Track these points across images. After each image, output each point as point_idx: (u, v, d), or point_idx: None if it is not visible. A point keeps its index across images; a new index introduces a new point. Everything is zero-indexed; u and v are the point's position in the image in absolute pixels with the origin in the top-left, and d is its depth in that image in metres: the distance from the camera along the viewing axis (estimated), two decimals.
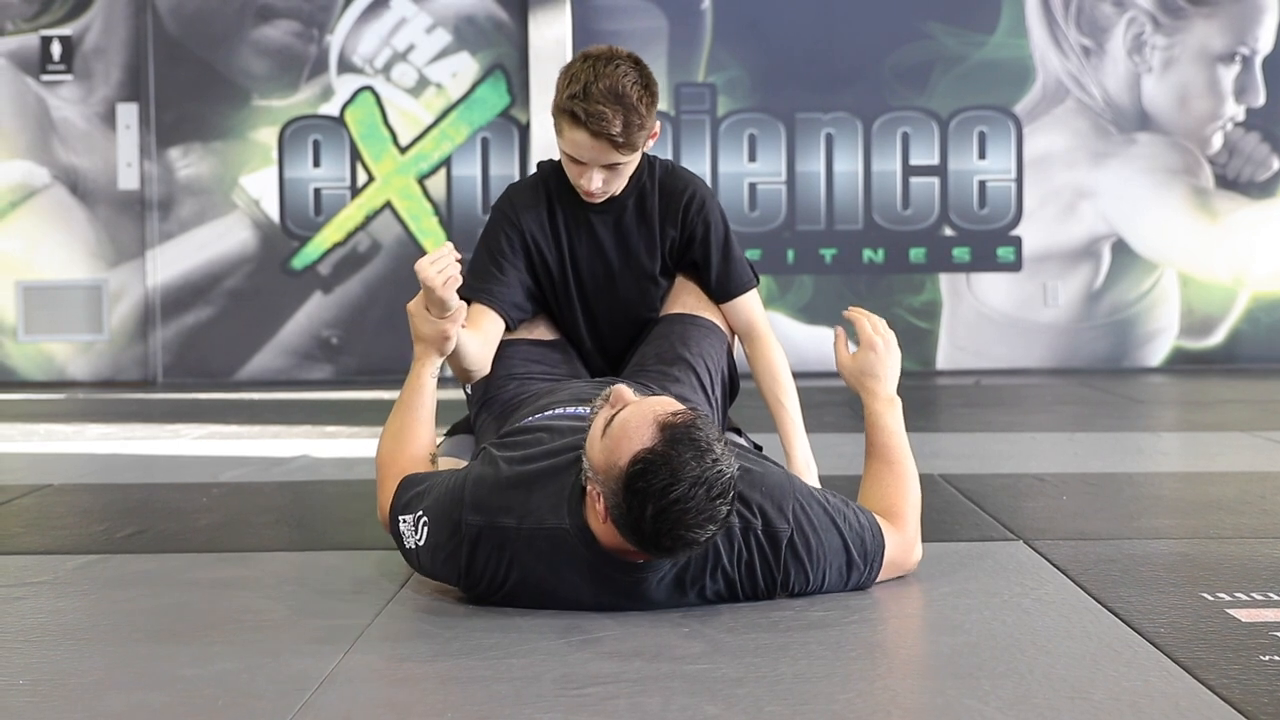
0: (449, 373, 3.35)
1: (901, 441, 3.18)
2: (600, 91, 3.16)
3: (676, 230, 3.49)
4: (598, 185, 3.31)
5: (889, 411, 3.21)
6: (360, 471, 4.95)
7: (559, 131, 3.26)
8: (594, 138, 3.20)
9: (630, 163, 3.31)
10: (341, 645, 2.57)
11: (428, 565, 2.91)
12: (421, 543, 2.88)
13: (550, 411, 3.09)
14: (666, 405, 2.64)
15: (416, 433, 3.20)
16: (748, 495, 2.76)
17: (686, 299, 3.59)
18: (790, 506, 2.80)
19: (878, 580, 2.94)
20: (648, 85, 3.25)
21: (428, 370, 3.24)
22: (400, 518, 2.96)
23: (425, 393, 3.25)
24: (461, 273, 3.12)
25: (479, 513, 2.79)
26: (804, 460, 3.46)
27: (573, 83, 3.20)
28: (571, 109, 3.19)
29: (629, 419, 2.62)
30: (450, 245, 3.14)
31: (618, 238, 3.49)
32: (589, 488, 2.67)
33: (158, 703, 2.26)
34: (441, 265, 3.05)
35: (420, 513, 2.90)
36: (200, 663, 2.47)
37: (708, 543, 2.64)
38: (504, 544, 2.78)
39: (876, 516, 2.97)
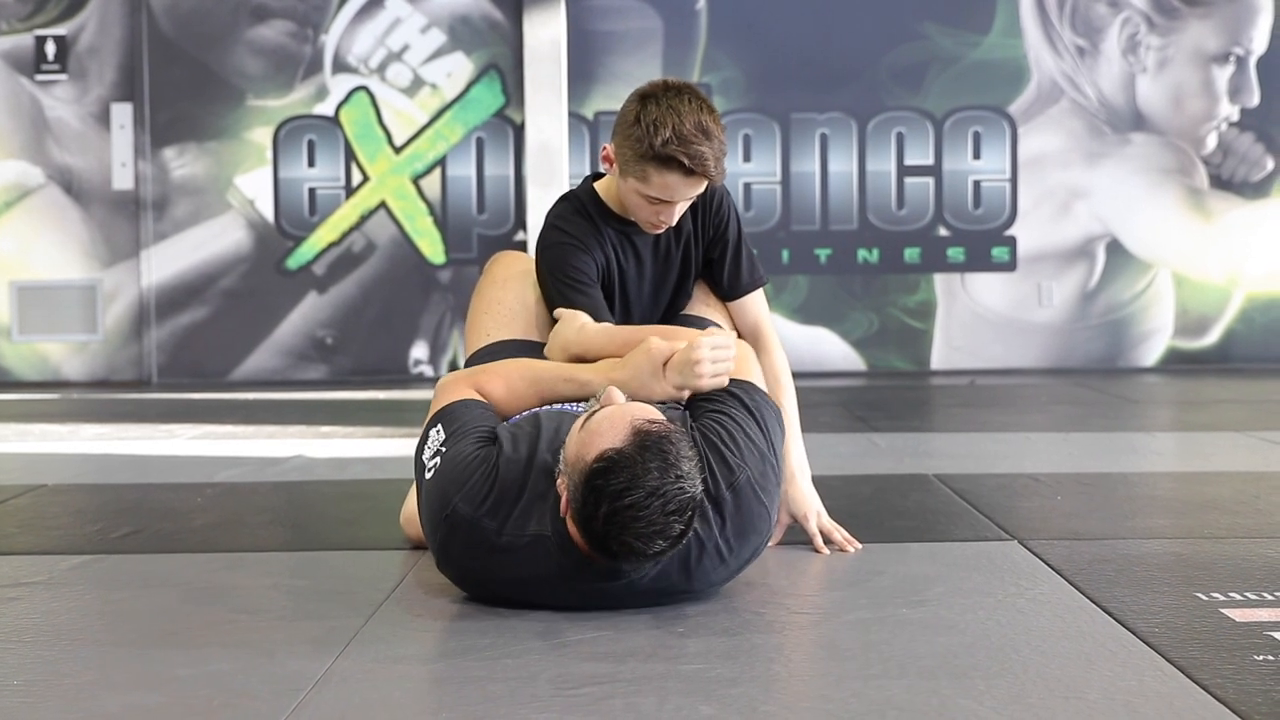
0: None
1: None
2: (691, 132, 3.16)
3: (708, 230, 3.53)
4: (675, 220, 3.37)
5: None
6: (355, 472, 4.95)
7: (642, 178, 3.23)
8: (688, 177, 3.21)
9: None
10: (336, 646, 2.57)
11: (424, 495, 2.94)
12: (427, 476, 2.92)
13: (558, 407, 3.08)
14: (647, 413, 2.65)
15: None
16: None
17: (694, 305, 3.62)
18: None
19: None
20: (714, 109, 3.27)
21: (595, 391, 2.99)
22: (437, 425, 2.99)
23: (561, 396, 3.16)
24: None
25: (468, 504, 2.80)
26: (798, 463, 3.46)
27: (657, 129, 3.17)
28: (669, 154, 3.17)
29: (607, 417, 2.64)
30: (734, 336, 3.15)
31: (656, 252, 3.52)
32: (559, 479, 2.68)
33: (152, 703, 2.26)
34: (721, 356, 3.01)
35: (440, 449, 2.93)
36: (195, 663, 2.47)
37: (657, 557, 2.63)
38: (480, 542, 2.79)
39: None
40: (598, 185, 3.48)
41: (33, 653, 2.57)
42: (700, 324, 3.50)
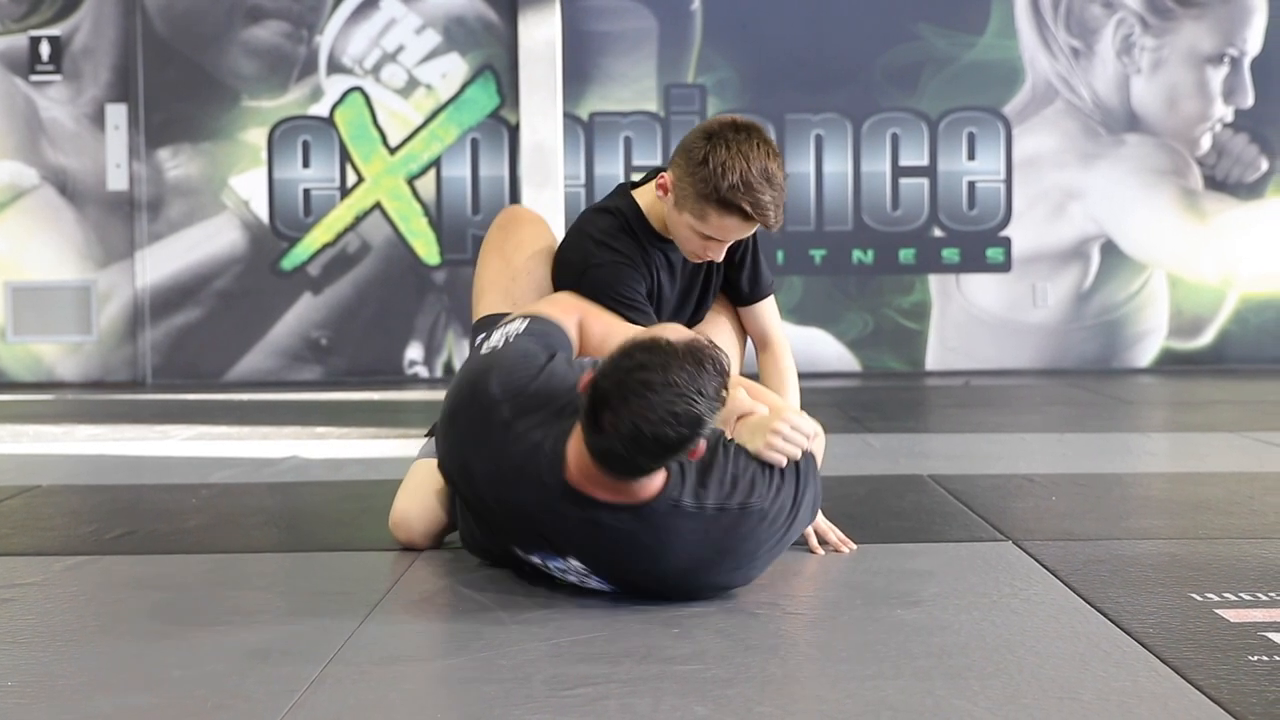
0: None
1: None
2: (757, 179, 3.18)
3: (735, 249, 3.56)
4: (721, 257, 3.40)
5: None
6: (350, 472, 4.95)
7: (700, 216, 3.25)
8: (746, 221, 3.25)
9: None
10: (331, 646, 2.57)
11: (468, 363, 3.06)
12: (483, 350, 3.02)
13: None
14: (706, 339, 2.70)
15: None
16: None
17: (709, 318, 3.66)
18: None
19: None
20: (779, 152, 3.28)
21: None
22: (526, 320, 3.09)
23: None
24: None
25: (500, 387, 2.88)
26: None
27: (724, 173, 3.17)
28: (733, 200, 3.19)
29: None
30: (817, 425, 3.10)
31: (685, 268, 3.55)
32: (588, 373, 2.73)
33: (147, 704, 2.25)
34: (796, 439, 2.95)
35: (512, 337, 3.02)
36: (189, 664, 2.47)
37: (636, 455, 2.61)
38: (487, 427, 2.86)
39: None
40: (640, 201, 3.48)
41: (27, 654, 2.57)
42: None
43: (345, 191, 9.73)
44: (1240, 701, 2.19)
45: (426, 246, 9.71)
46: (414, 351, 9.72)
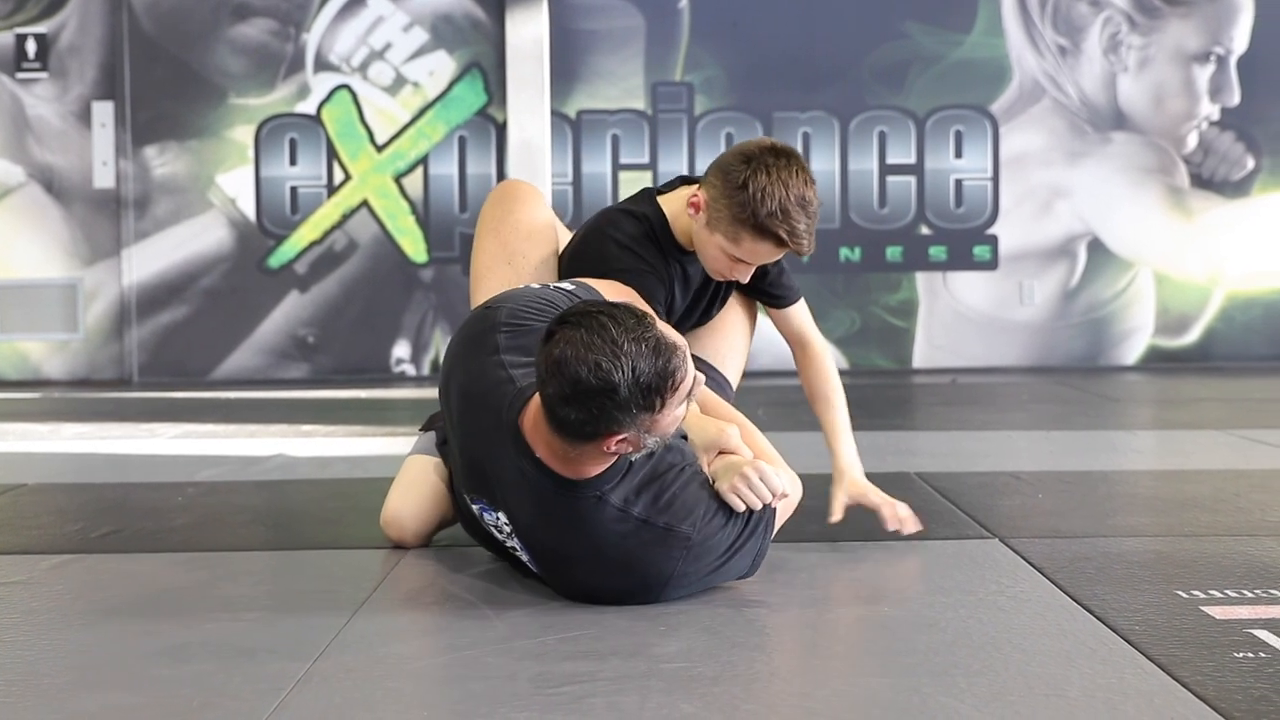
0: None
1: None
2: (794, 207, 3.18)
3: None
4: (747, 279, 3.41)
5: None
6: (336, 470, 4.95)
7: (733, 239, 3.25)
8: (779, 247, 3.26)
9: None
10: (317, 645, 2.56)
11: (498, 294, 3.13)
12: (522, 285, 3.08)
13: None
14: (683, 347, 2.66)
15: None
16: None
17: (707, 341, 3.68)
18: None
19: None
20: (813, 178, 3.28)
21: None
22: (576, 284, 3.14)
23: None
24: None
25: (508, 314, 2.93)
26: (849, 460, 3.53)
27: (763, 200, 3.17)
28: (769, 227, 3.19)
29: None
30: (797, 486, 3.10)
31: (701, 279, 3.55)
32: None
33: (132, 703, 2.25)
34: (761, 492, 2.87)
35: (553, 288, 3.07)
36: (175, 663, 2.47)
37: (552, 388, 2.59)
38: (477, 347, 2.91)
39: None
40: (666, 210, 3.46)
41: (12, 653, 2.56)
42: (709, 371, 3.55)
43: (332, 189, 9.72)
44: (1226, 698, 2.19)
45: (414, 244, 9.71)
46: (401, 349, 9.71)
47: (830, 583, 3.05)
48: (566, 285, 3.09)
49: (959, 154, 9.85)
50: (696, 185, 3.38)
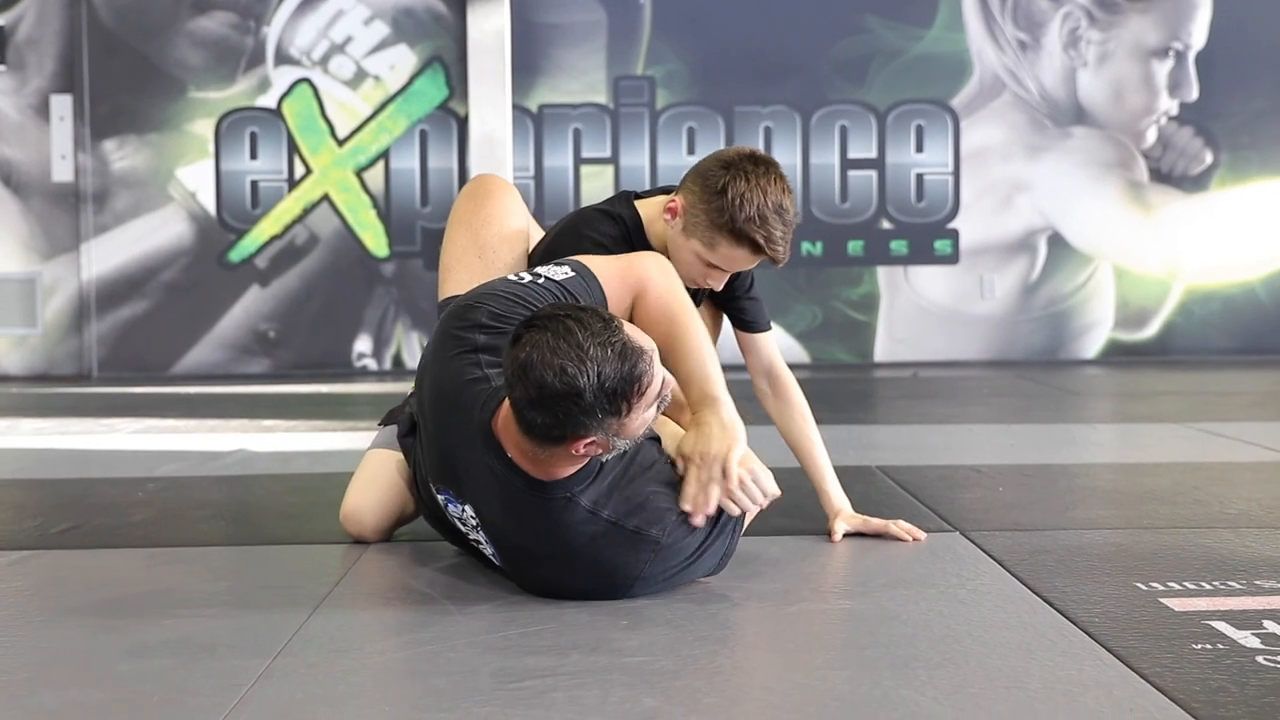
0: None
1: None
2: (772, 213, 3.19)
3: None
4: (720, 287, 3.41)
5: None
6: (297, 465, 4.93)
7: (709, 245, 3.25)
8: (755, 254, 3.26)
9: None
10: (278, 641, 2.55)
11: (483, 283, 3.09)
12: (512, 276, 3.03)
13: None
14: (650, 354, 2.64)
15: None
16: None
17: None
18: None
19: None
20: (791, 188, 3.29)
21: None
22: (574, 268, 3.08)
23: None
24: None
25: (486, 314, 2.90)
26: (840, 497, 3.53)
27: (742, 205, 3.18)
28: (746, 232, 3.20)
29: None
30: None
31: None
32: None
33: (92, 699, 2.24)
34: (760, 496, 2.89)
35: (542, 275, 3.01)
36: (135, 658, 2.46)
37: (518, 391, 2.58)
38: (460, 327, 2.89)
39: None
40: (643, 214, 3.45)
41: None
42: None
43: (293, 183, 9.68)
44: (1184, 689, 2.20)
45: (375, 239, 9.68)
46: (363, 344, 9.69)
47: (792, 576, 3.06)
48: (556, 275, 3.01)
49: (920, 148, 9.88)
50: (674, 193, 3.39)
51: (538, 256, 3.47)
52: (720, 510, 2.87)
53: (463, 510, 2.89)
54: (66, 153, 9.56)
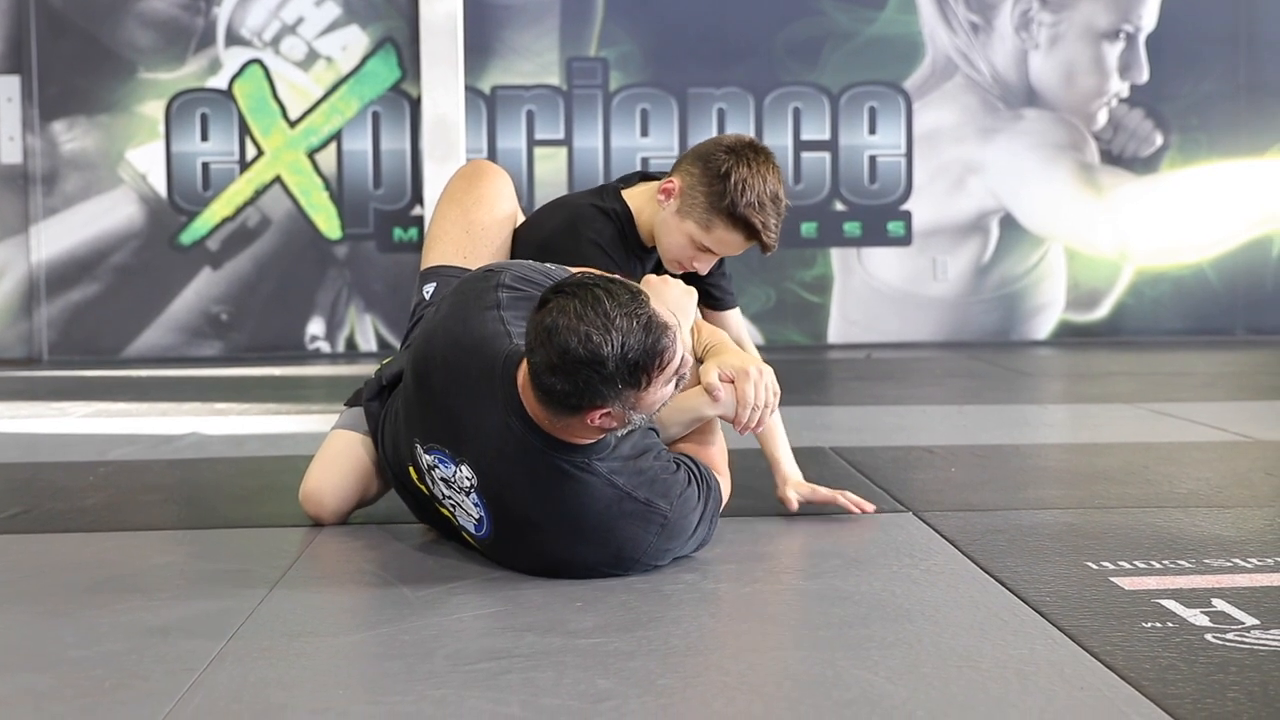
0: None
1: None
2: (770, 201, 3.30)
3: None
4: (705, 272, 3.48)
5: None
6: (251, 449, 4.91)
7: (705, 227, 3.32)
8: (748, 239, 3.34)
9: None
10: (231, 624, 2.55)
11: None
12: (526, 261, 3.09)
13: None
14: (674, 331, 2.66)
15: None
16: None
17: None
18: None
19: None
20: (783, 179, 3.40)
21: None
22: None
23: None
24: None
25: (511, 277, 2.94)
26: (792, 465, 3.54)
27: (743, 189, 3.27)
28: (744, 216, 3.28)
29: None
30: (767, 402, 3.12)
31: (659, 270, 3.56)
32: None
33: (43, 685, 2.23)
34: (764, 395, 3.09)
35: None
36: (87, 644, 2.44)
37: (540, 356, 2.59)
38: (474, 303, 2.91)
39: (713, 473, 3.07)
40: (631, 205, 3.49)
41: None
42: None
43: (245, 165, 9.63)
44: (1134, 667, 2.22)
45: (328, 220, 9.64)
46: (315, 327, 9.65)
47: (745, 557, 3.07)
48: (552, 268, 3.08)
49: (873, 130, 9.91)
50: (660, 180, 3.45)
51: (531, 247, 3.49)
52: (708, 489, 2.97)
53: (455, 470, 2.86)
54: (14, 134, 9.48)
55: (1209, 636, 2.39)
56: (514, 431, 2.74)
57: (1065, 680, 2.18)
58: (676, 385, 2.73)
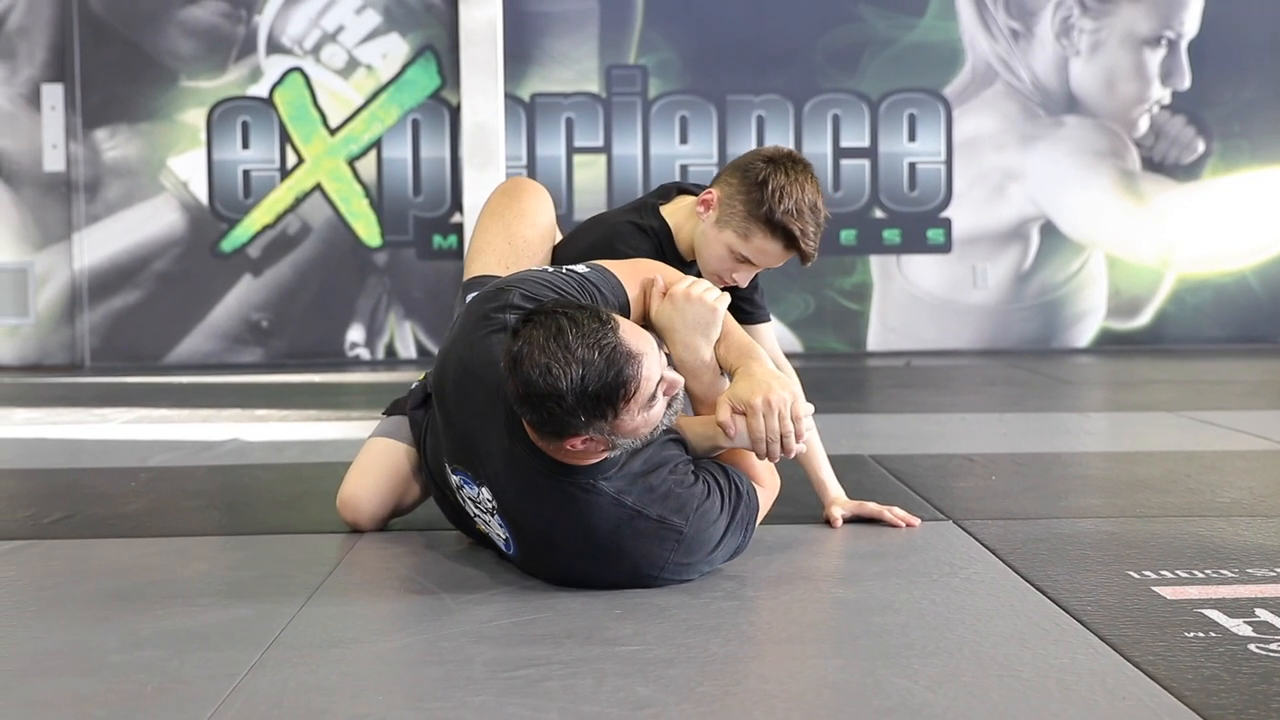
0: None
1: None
2: (808, 209, 3.29)
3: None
4: (745, 284, 3.45)
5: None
6: (291, 455, 4.93)
7: (744, 235, 3.30)
8: (787, 249, 3.32)
9: None
10: (272, 630, 2.56)
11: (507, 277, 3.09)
12: (541, 268, 3.08)
13: None
14: (642, 355, 2.62)
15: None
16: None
17: None
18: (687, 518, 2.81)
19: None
20: (822, 190, 3.40)
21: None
22: (593, 271, 3.08)
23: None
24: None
25: (520, 297, 2.88)
26: (837, 487, 3.56)
27: (781, 197, 3.26)
28: (783, 223, 3.26)
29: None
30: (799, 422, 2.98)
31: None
32: None
33: (86, 690, 2.24)
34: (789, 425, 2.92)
35: (570, 275, 3.02)
36: (129, 649, 2.46)
37: (511, 385, 2.60)
38: (484, 318, 2.88)
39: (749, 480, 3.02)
40: (670, 222, 3.48)
41: None
42: None
43: (285, 173, 9.67)
44: (1176, 677, 2.21)
45: (367, 228, 9.67)
46: (355, 334, 9.68)
47: (783, 564, 3.06)
48: (580, 268, 3.04)
49: (912, 137, 9.88)
50: (697, 194, 3.44)
51: (567, 262, 3.49)
52: (738, 497, 2.92)
53: (479, 492, 2.88)
54: (58, 142, 9.54)
55: (1252, 647, 2.37)
56: (519, 456, 2.75)
57: (1107, 690, 2.17)
58: (670, 405, 2.71)
